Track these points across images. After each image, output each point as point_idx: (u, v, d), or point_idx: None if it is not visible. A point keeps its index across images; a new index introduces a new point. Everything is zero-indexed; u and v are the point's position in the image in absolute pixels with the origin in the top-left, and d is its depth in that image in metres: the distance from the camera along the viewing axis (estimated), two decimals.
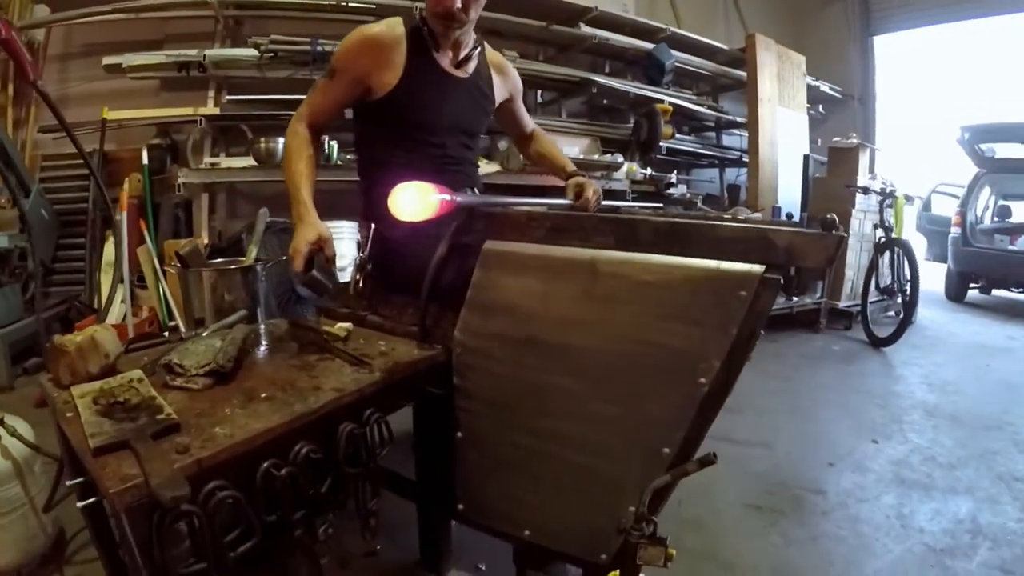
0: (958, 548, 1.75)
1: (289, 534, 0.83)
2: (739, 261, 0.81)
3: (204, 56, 3.43)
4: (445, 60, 1.54)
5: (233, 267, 1.52)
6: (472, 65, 1.60)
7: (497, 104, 1.74)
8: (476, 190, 1.56)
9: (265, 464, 0.79)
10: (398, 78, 1.48)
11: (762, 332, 0.82)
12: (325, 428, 0.87)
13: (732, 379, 0.83)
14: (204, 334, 1.18)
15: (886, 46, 7.39)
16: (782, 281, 0.79)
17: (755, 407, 2.74)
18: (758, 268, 0.80)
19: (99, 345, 1.00)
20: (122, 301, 3.15)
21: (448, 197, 1.07)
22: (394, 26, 1.48)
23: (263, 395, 0.90)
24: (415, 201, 1.06)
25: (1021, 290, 5.82)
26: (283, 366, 1.04)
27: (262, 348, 1.16)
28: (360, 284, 1.30)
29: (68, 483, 0.90)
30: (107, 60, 3.46)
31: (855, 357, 3.88)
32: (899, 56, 7.48)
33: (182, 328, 1.80)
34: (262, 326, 1.31)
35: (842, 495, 2.04)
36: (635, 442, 0.91)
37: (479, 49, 1.61)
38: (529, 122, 1.97)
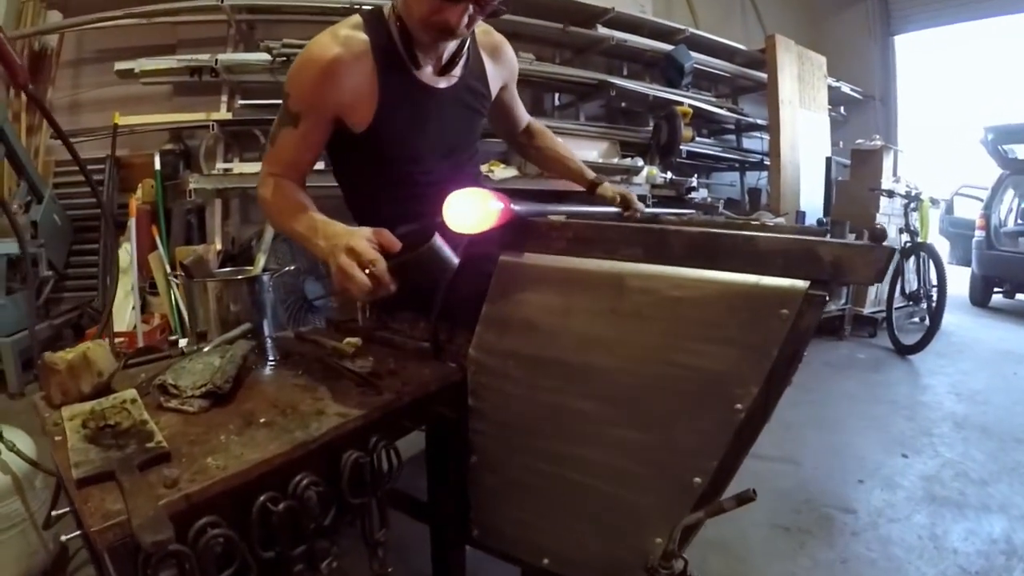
0: (993, 570, 1.68)
1: (288, 570, 0.76)
2: (780, 276, 0.74)
3: (216, 61, 3.40)
4: (426, 72, 1.28)
5: (239, 277, 1.48)
6: (460, 65, 1.33)
7: (494, 96, 1.48)
8: None
9: (262, 498, 0.73)
10: (374, 110, 1.22)
11: (805, 354, 0.75)
12: (328, 456, 0.80)
13: (771, 405, 0.76)
14: (205, 349, 1.12)
15: (907, 46, 7.25)
16: (827, 298, 0.72)
17: (780, 419, 2.62)
18: (801, 284, 0.72)
19: (91, 363, 0.94)
20: (133, 308, 3.13)
21: (507, 206, 0.95)
22: (352, 41, 1.18)
23: (262, 420, 0.84)
24: (474, 211, 0.94)
25: None
26: (286, 385, 0.98)
27: (266, 365, 1.10)
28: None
29: (54, 513, 0.85)
30: (119, 65, 3.45)
31: (881, 365, 3.78)
32: (920, 56, 7.33)
33: (181, 342, 1.76)
34: (268, 340, 1.25)
35: (872, 514, 1.96)
36: (663, 471, 0.84)
37: (468, 42, 1.33)
38: (524, 114, 1.68)
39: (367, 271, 0.92)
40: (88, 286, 3.58)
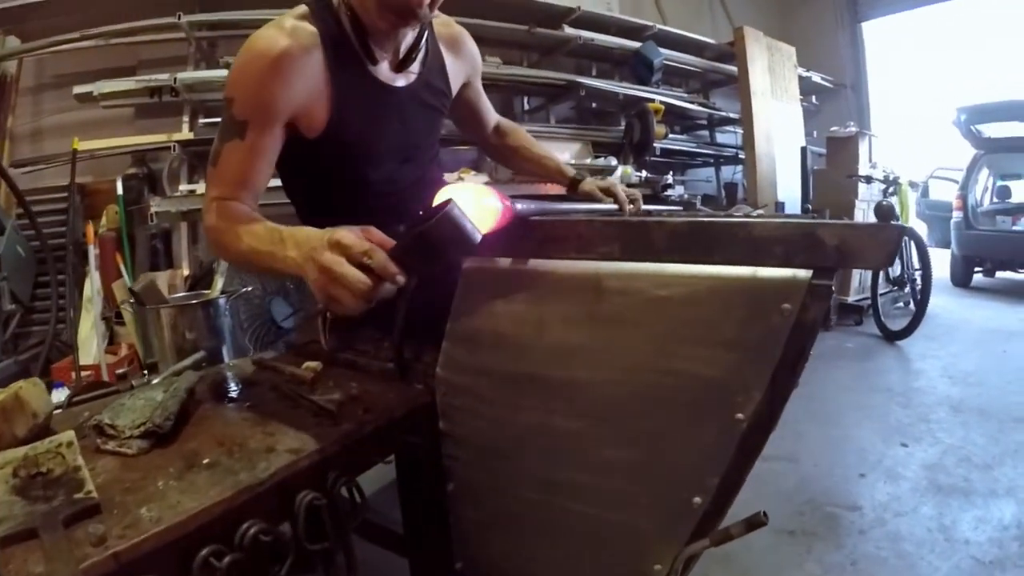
0: (1007, 559, 1.62)
1: None
2: (779, 266, 0.65)
3: (175, 80, 3.29)
4: (382, 68, 1.14)
5: (193, 302, 1.38)
6: (418, 61, 1.20)
7: (455, 92, 1.35)
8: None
9: (203, 552, 0.63)
10: (328, 111, 1.08)
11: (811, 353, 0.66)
12: (280, 498, 0.71)
13: (777, 412, 0.67)
14: (153, 382, 1.02)
15: (875, 32, 7.32)
16: (833, 288, 0.64)
17: None
18: (804, 274, 0.64)
19: (25, 403, 0.84)
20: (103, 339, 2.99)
21: (508, 204, 0.83)
22: (301, 32, 1.04)
23: (205, 461, 0.74)
24: (469, 211, 0.78)
25: None
26: (236, 419, 0.88)
27: (217, 396, 1.00)
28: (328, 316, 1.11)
29: None
30: (77, 89, 3.33)
31: (871, 353, 3.75)
32: (889, 41, 7.41)
33: (144, 373, 1.66)
34: (226, 369, 1.16)
35: (878, 509, 1.90)
36: (660, 492, 0.75)
37: (426, 35, 1.19)
38: (493, 113, 1.55)
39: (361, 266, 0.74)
40: (56, 319, 3.44)
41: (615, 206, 1.37)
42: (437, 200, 0.84)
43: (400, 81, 1.18)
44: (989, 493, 1.95)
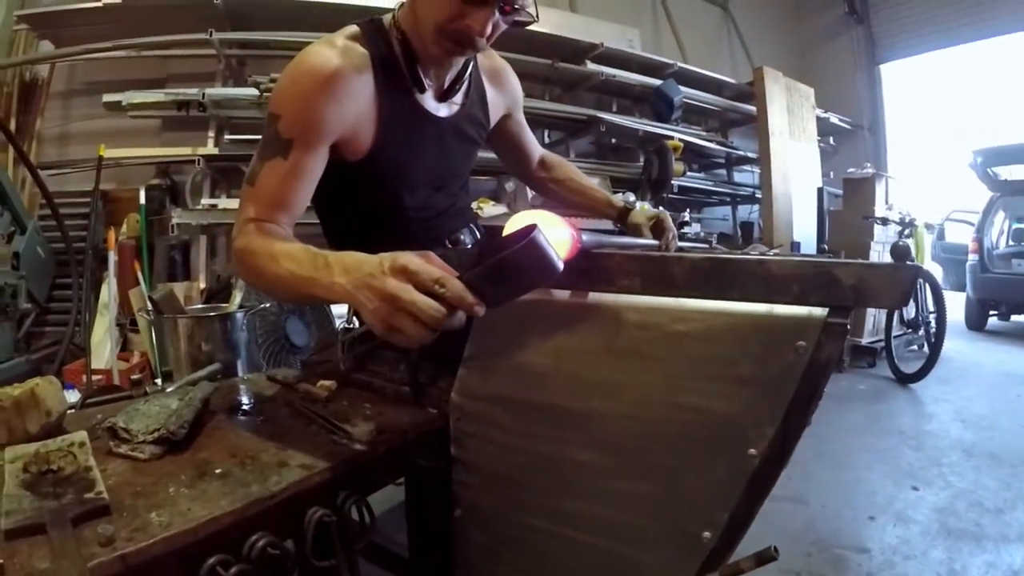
0: None
1: None
2: (795, 304, 0.66)
3: (203, 95, 3.37)
4: (427, 96, 1.13)
5: (211, 314, 1.41)
6: (461, 92, 1.20)
7: (492, 124, 1.35)
8: (476, 229, 1.37)
9: (211, 561, 0.63)
10: (372, 135, 1.06)
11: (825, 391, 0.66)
12: (290, 513, 0.71)
13: (789, 449, 0.67)
14: (168, 390, 1.04)
15: (893, 73, 7.37)
16: (848, 327, 0.64)
17: None
18: (820, 312, 0.65)
19: (40, 401, 0.85)
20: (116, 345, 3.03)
21: (575, 235, 0.80)
22: (353, 53, 1.02)
23: (217, 470, 0.75)
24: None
25: None
26: (249, 432, 0.89)
27: (232, 409, 1.01)
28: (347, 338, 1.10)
29: None
30: (107, 97, 3.43)
31: (883, 396, 3.70)
32: (907, 83, 7.45)
33: (156, 382, 1.68)
34: (240, 383, 1.17)
35: (887, 552, 1.86)
36: (669, 525, 0.74)
37: (471, 66, 1.20)
38: (537, 146, 1.54)
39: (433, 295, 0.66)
40: (74, 321, 3.48)
41: (654, 242, 1.34)
42: (511, 226, 0.83)
43: (443, 111, 1.17)
44: (1000, 538, 1.92)
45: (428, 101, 1.14)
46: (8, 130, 2.18)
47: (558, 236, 0.77)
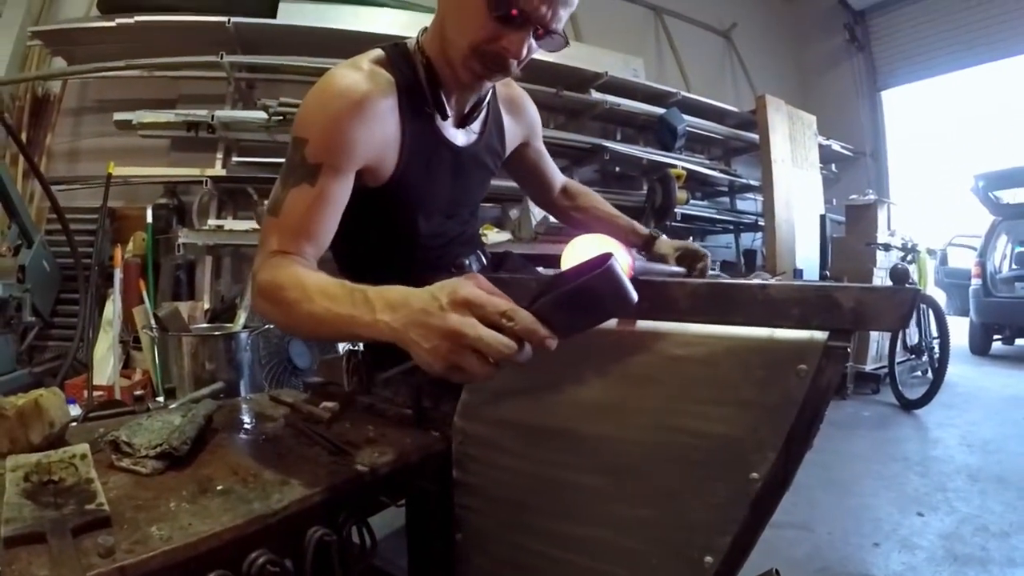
0: None
1: None
2: (796, 328, 0.66)
3: (213, 116, 3.42)
4: (448, 124, 1.12)
5: (216, 333, 1.41)
6: (480, 119, 1.19)
7: (507, 153, 1.34)
8: (484, 256, 1.37)
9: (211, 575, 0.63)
10: (395, 163, 1.04)
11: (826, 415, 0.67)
12: (290, 532, 0.71)
13: (791, 472, 0.67)
14: (171, 407, 1.04)
15: (894, 100, 7.43)
16: (848, 350, 0.65)
17: None
18: (820, 335, 0.65)
19: (43, 411, 0.87)
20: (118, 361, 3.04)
21: (633, 262, 0.81)
22: (380, 78, 1.01)
23: (219, 487, 0.75)
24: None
25: None
26: (252, 450, 0.89)
27: (235, 427, 1.02)
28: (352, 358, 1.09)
29: None
30: (118, 116, 3.49)
31: (888, 422, 3.67)
32: (908, 109, 7.52)
33: (159, 399, 1.68)
34: (243, 402, 1.17)
35: None
36: (671, 549, 0.74)
37: (489, 94, 1.18)
38: (558, 174, 1.53)
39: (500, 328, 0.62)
40: (79, 336, 3.49)
41: (679, 268, 1.33)
42: (571, 252, 0.83)
43: (462, 139, 1.16)
44: (1007, 562, 1.90)
45: (448, 128, 1.13)
46: (22, 143, 2.22)
47: (623, 262, 0.75)
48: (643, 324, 0.76)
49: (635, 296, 0.66)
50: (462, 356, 0.62)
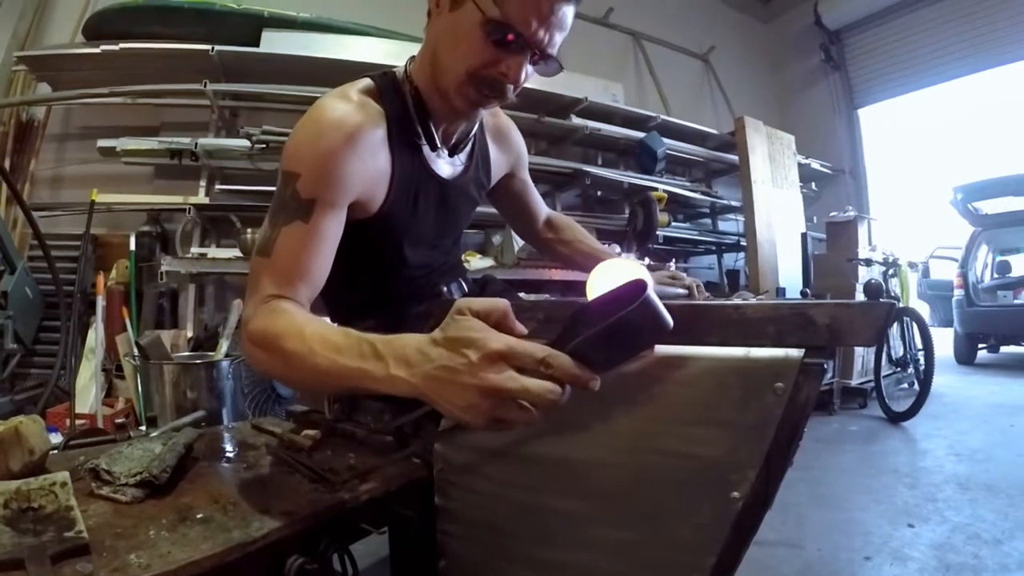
0: None
1: None
2: (772, 346, 0.67)
3: (196, 144, 3.43)
4: (435, 156, 1.11)
5: (197, 362, 1.40)
6: (467, 151, 1.18)
7: (493, 183, 1.33)
8: (465, 284, 1.38)
9: None
10: (384, 195, 1.02)
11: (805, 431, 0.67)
12: (270, 560, 0.70)
13: (772, 490, 0.68)
14: (152, 435, 1.03)
15: (871, 117, 7.57)
16: (826, 367, 0.65)
17: (776, 501, 2.50)
18: (796, 353, 0.66)
19: (23, 438, 0.86)
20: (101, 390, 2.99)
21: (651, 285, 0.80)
22: (370, 109, 0.99)
23: (199, 515, 0.74)
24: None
25: None
26: (232, 479, 0.88)
27: (217, 455, 1.01)
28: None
29: None
30: (101, 143, 3.47)
31: (875, 435, 3.69)
32: (885, 126, 7.67)
33: (141, 428, 1.66)
34: (225, 431, 1.16)
35: None
36: (655, 572, 0.74)
37: (477, 125, 1.18)
38: (543, 206, 1.51)
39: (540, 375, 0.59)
40: (60, 363, 3.43)
41: (685, 291, 1.32)
42: (597, 280, 0.82)
43: (447, 170, 1.14)
44: (1000, 568, 1.90)
45: (435, 160, 1.11)
46: (3, 169, 2.20)
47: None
48: None
49: (670, 323, 0.63)
50: (506, 411, 0.60)
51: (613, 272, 0.89)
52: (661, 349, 0.73)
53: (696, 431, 0.70)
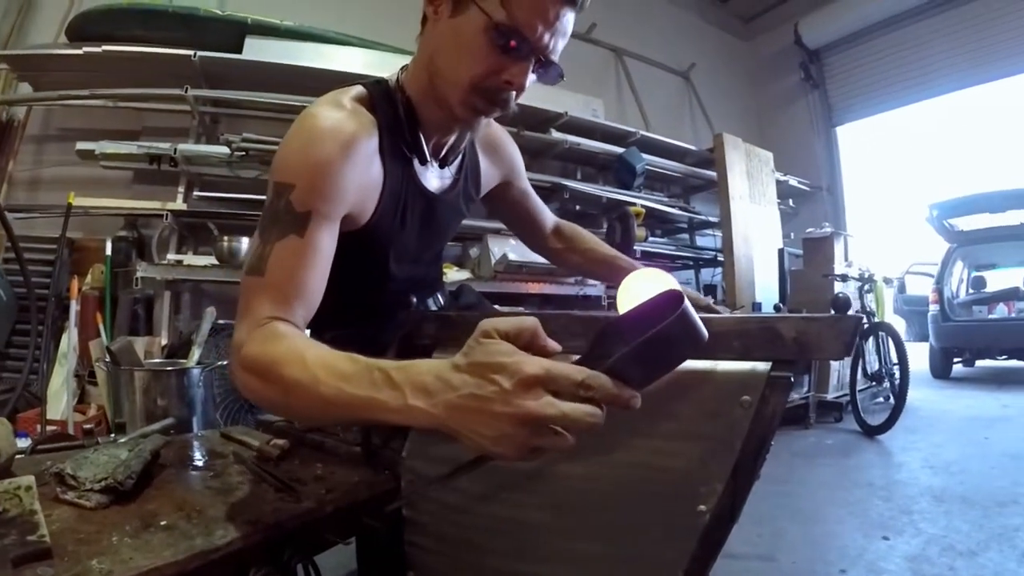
0: None
1: None
2: (739, 359, 0.68)
3: (175, 150, 3.40)
4: (424, 168, 1.07)
5: (168, 369, 1.38)
6: (456, 163, 1.15)
7: (484, 193, 1.29)
8: (441, 296, 1.36)
9: None
10: (373, 207, 0.99)
11: (772, 444, 0.68)
12: (233, 568, 0.69)
13: (739, 503, 0.68)
14: (120, 441, 1.01)
15: (849, 134, 7.75)
16: (792, 380, 0.66)
17: (752, 515, 2.53)
18: (763, 366, 0.67)
19: None
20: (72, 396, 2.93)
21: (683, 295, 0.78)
22: (363, 118, 0.95)
23: (163, 522, 0.73)
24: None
25: (1006, 357, 5.89)
26: (198, 487, 0.87)
27: (184, 462, 0.99)
28: None
29: None
30: (80, 145, 3.44)
31: (851, 449, 3.73)
32: (862, 144, 7.84)
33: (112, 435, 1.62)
34: (194, 439, 1.15)
35: None
36: None
37: (467, 137, 1.13)
38: (549, 214, 1.46)
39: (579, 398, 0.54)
40: (30, 368, 3.35)
41: (710, 301, 1.26)
42: (628, 293, 0.80)
43: (435, 183, 1.11)
44: None
45: (423, 173, 1.08)
46: None
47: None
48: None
49: (706, 335, 0.60)
50: (544, 439, 0.55)
51: (646, 283, 0.87)
52: None
53: (666, 444, 0.70)
